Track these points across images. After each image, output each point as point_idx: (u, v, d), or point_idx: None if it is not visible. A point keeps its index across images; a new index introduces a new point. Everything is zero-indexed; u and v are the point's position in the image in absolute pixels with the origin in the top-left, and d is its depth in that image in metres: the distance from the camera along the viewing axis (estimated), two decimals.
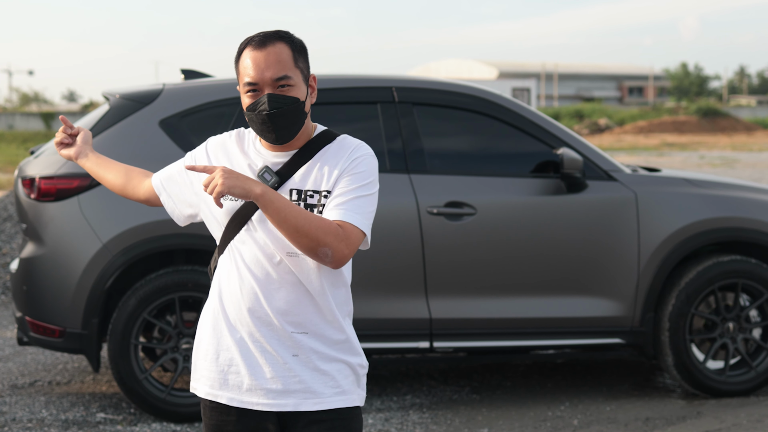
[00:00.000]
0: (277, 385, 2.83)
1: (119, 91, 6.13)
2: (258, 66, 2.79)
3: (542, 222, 6.05)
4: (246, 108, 2.82)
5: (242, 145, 2.94)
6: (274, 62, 2.78)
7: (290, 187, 2.83)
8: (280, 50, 2.80)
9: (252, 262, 2.82)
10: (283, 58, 2.80)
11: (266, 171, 2.83)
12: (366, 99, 6.15)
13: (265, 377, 2.83)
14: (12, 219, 10.88)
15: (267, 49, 2.80)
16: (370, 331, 5.90)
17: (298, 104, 2.80)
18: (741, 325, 6.27)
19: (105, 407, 6.10)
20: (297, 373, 2.83)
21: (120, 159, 5.75)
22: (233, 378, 2.86)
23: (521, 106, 6.28)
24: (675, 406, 6.11)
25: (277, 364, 2.83)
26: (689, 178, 6.43)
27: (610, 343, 6.17)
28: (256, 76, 2.79)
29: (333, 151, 2.87)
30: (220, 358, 2.88)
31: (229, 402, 2.86)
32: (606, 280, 6.08)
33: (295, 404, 2.84)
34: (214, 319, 2.89)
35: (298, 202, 2.81)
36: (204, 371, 2.91)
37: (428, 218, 5.91)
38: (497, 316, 6.00)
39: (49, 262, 5.82)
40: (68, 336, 5.79)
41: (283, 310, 2.82)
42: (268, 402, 2.84)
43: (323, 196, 2.81)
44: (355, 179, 2.81)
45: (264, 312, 2.82)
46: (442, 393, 6.45)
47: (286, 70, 2.79)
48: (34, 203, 5.87)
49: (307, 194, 2.82)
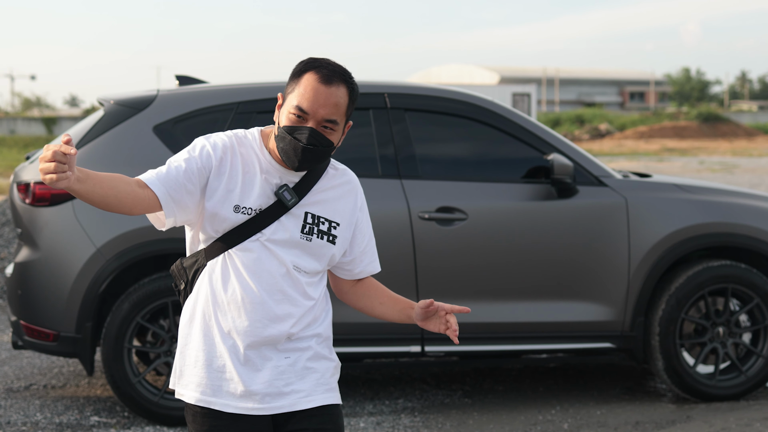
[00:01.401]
0: (271, 389, 2.90)
1: (114, 97, 6.19)
2: (317, 99, 2.80)
3: (533, 227, 6.09)
4: (283, 126, 2.83)
5: (251, 151, 2.91)
6: (332, 103, 2.82)
7: (305, 209, 2.92)
8: (341, 94, 2.83)
9: (256, 271, 2.87)
10: (340, 102, 2.83)
11: (286, 189, 2.89)
12: (358, 105, 6.19)
13: (259, 382, 2.90)
14: (10, 224, 10.94)
15: (332, 87, 2.82)
16: (362, 336, 5.96)
17: (331, 148, 2.87)
18: (731, 330, 6.31)
19: (99, 410, 6.14)
20: (290, 375, 2.92)
21: (114, 164, 5.84)
22: (227, 385, 2.90)
23: (512, 111, 6.33)
24: (665, 410, 6.15)
25: (271, 368, 2.91)
26: (679, 183, 6.47)
27: (601, 347, 6.21)
28: (310, 107, 2.81)
29: (339, 180, 3.00)
30: (213, 365, 2.91)
31: (224, 408, 2.91)
32: (596, 285, 6.12)
33: (291, 404, 2.92)
34: (205, 325, 2.92)
35: (312, 226, 2.92)
36: (194, 377, 2.94)
37: (420, 223, 5.96)
38: (488, 321, 6.04)
39: (44, 267, 5.87)
40: (62, 340, 5.84)
41: (282, 318, 2.90)
42: (263, 406, 2.91)
43: (332, 226, 2.95)
44: (367, 222, 3.09)
45: (264, 320, 2.89)
46: (434, 397, 6.49)
47: (337, 115, 2.84)
48: (29, 208, 5.92)
49: (320, 220, 2.94)
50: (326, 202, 2.96)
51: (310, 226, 2.92)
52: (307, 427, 2.93)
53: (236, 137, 2.93)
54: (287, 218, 2.89)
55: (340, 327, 5.82)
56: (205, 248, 2.92)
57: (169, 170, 2.82)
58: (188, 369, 2.95)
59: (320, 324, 3.00)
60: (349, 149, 6.04)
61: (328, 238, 2.95)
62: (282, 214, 2.88)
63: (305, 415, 2.93)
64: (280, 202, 2.88)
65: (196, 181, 2.83)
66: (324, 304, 3.03)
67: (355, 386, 6.73)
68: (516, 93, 43.63)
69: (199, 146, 2.88)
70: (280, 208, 2.88)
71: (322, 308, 3.02)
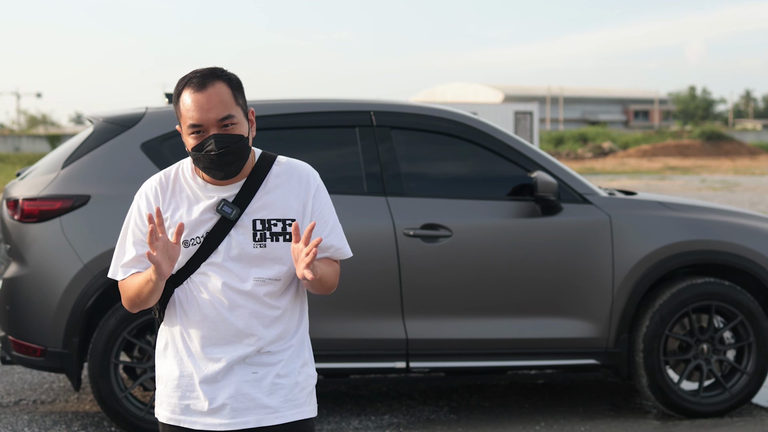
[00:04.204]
0: (238, 404, 2.96)
1: (102, 114, 6.26)
2: (201, 108, 2.86)
3: (517, 244, 6.14)
4: (192, 149, 2.89)
5: (182, 185, 2.99)
6: (216, 103, 2.86)
7: (252, 217, 2.95)
8: (220, 90, 2.88)
9: (216, 290, 2.94)
10: (224, 98, 2.88)
11: (225, 204, 2.93)
12: (345, 123, 6.26)
13: (226, 398, 2.96)
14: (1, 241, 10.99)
15: (207, 90, 2.87)
16: (347, 351, 6.00)
17: (243, 141, 2.91)
18: (715, 347, 6.35)
19: (87, 425, 6.19)
20: (257, 391, 2.96)
21: (102, 181, 5.92)
22: (195, 403, 2.98)
23: (498, 130, 6.38)
24: (649, 426, 6.18)
25: (238, 384, 2.96)
26: (664, 201, 6.51)
27: (586, 363, 6.25)
28: (200, 117, 2.86)
29: (284, 177, 3.00)
30: (181, 385, 2.99)
31: (192, 426, 2.99)
32: (580, 302, 6.16)
33: (258, 420, 2.97)
34: (175, 348, 3.00)
35: (263, 231, 2.94)
36: (165, 397, 3.03)
37: (405, 240, 6.01)
38: (472, 337, 6.08)
39: (32, 282, 5.92)
40: (49, 355, 5.89)
41: (247, 333, 2.95)
42: (230, 422, 2.96)
43: (287, 225, 2.95)
44: (326, 207, 3.02)
45: (228, 337, 2.95)
46: (420, 413, 6.52)
47: (228, 110, 2.88)
48: (17, 224, 5.98)
49: (270, 223, 2.95)
50: (274, 203, 2.96)
51: (260, 232, 2.94)
52: None
53: (164, 177, 3.01)
54: (236, 232, 2.93)
55: (324, 342, 5.88)
56: (170, 278, 2.99)
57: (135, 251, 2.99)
58: (161, 390, 3.05)
59: (293, 336, 3.02)
60: (335, 167, 6.13)
61: (285, 237, 2.95)
62: (230, 229, 2.93)
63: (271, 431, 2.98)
64: (225, 219, 2.93)
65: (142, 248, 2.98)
66: (296, 314, 3.04)
67: (341, 402, 6.76)
68: (518, 111, 43.68)
69: (136, 215, 3.00)
70: (226, 223, 2.93)
71: (294, 318, 3.04)
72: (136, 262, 2.98)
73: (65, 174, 5.97)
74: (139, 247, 2.98)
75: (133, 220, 3.01)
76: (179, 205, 2.97)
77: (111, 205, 5.89)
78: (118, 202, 5.87)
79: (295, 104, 6.36)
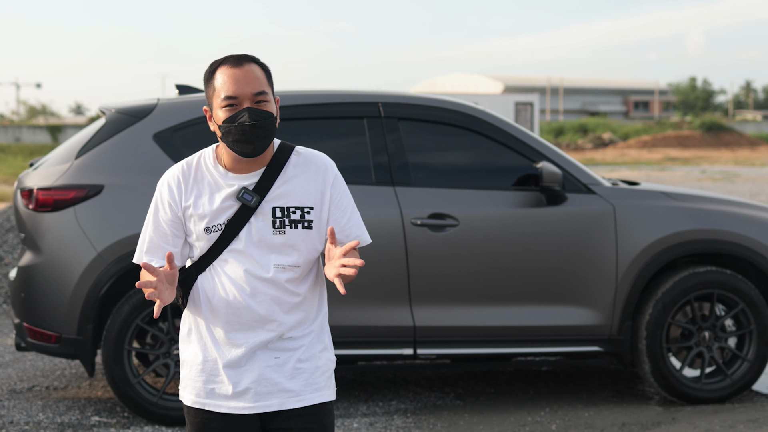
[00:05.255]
0: (260, 388, 3.06)
1: (115, 105, 6.36)
2: (237, 81, 2.98)
3: (523, 233, 6.25)
4: (223, 121, 2.99)
5: (203, 173, 3.09)
6: (252, 78, 2.99)
7: (272, 204, 3.04)
8: (255, 69, 3.01)
9: (238, 277, 3.03)
10: (258, 75, 3.01)
11: (245, 192, 3.03)
12: (353, 114, 6.37)
13: (249, 383, 3.06)
14: (15, 230, 11.12)
15: (244, 67, 3.00)
16: (355, 338, 6.11)
17: (274, 119, 3.02)
18: (716, 335, 6.46)
19: (100, 411, 6.31)
20: (279, 375, 3.07)
21: (115, 171, 6.03)
22: (219, 387, 3.08)
23: (503, 121, 6.49)
24: (651, 412, 6.30)
25: (261, 368, 3.06)
26: (666, 191, 6.63)
27: (589, 350, 6.36)
28: (236, 90, 2.97)
29: (302, 167, 3.10)
30: (206, 369, 3.09)
31: (216, 409, 3.09)
32: (585, 290, 6.28)
33: (280, 404, 3.07)
34: (199, 334, 3.11)
35: (283, 219, 3.03)
36: (189, 381, 3.13)
37: (412, 229, 6.12)
38: (478, 324, 6.20)
39: (46, 270, 6.04)
40: (64, 341, 6.01)
41: (269, 319, 3.05)
42: (253, 405, 3.07)
43: (305, 212, 3.05)
44: (345, 196, 3.12)
45: (250, 323, 3.05)
46: (427, 399, 6.65)
47: (263, 87, 3.00)
48: (32, 213, 6.09)
49: (290, 210, 3.05)
50: (293, 191, 3.06)
51: (280, 219, 3.03)
52: (293, 426, 3.07)
53: (186, 165, 3.10)
54: (256, 219, 3.03)
55: (332, 330, 5.97)
56: (193, 265, 3.10)
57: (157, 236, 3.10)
58: (185, 374, 3.15)
59: (313, 321, 3.13)
60: (344, 157, 6.21)
61: (303, 225, 3.05)
62: (250, 216, 3.03)
63: (292, 414, 3.08)
64: (245, 206, 3.03)
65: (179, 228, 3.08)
66: (315, 300, 3.14)
67: (349, 388, 6.88)
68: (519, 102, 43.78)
69: (159, 204, 3.09)
70: (246, 211, 3.03)
71: (313, 305, 3.14)
72: (156, 252, 3.08)
73: (79, 164, 6.08)
74: (160, 238, 3.08)
75: (157, 208, 3.10)
76: (201, 192, 3.06)
77: (124, 194, 6.00)
78: (130, 192, 5.99)
79: (304, 95, 6.47)
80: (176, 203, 3.06)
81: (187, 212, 3.05)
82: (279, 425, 3.08)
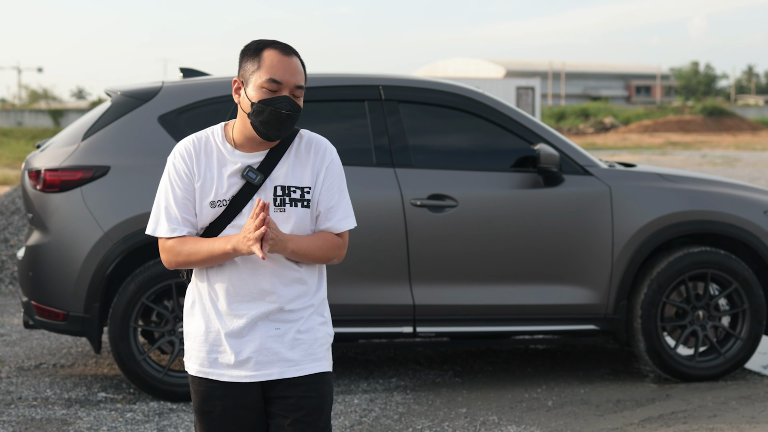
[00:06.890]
0: (261, 358, 3.19)
1: (121, 88, 6.48)
2: (287, 69, 3.12)
3: (520, 214, 6.37)
4: (259, 101, 3.10)
5: (212, 148, 3.21)
6: (298, 71, 3.15)
7: (274, 183, 3.18)
8: (299, 63, 3.17)
9: None
10: (301, 70, 3.17)
11: (250, 170, 3.16)
12: (354, 97, 6.49)
13: (251, 352, 3.19)
14: (20, 212, 11.25)
15: (293, 58, 3.15)
16: (356, 316, 6.25)
17: (299, 114, 3.17)
18: (710, 313, 6.59)
19: (106, 387, 6.45)
20: (280, 345, 3.20)
21: (121, 152, 6.16)
22: (221, 357, 3.21)
23: (502, 104, 6.61)
24: (646, 389, 6.43)
25: (262, 339, 3.19)
26: (662, 173, 6.74)
27: (585, 329, 6.49)
28: (283, 76, 3.11)
29: (304, 148, 3.24)
30: (208, 340, 3.23)
31: (219, 378, 3.22)
32: (581, 270, 6.40)
33: (280, 372, 3.20)
34: (202, 307, 3.24)
35: (283, 197, 3.17)
36: (193, 351, 3.26)
37: (412, 210, 6.24)
38: (477, 303, 6.33)
39: (54, 250, 6.17)
40: (71, 319, 6.14)
41: (269, 291, 3.18)
42: (254, 374, 3.20)
43: (305, 192, 3.19)
44: (336, 180, 3.25)
45: (252, 294, 3.18)
46: (426, 376, 6.78)
47: (302, 81, 3.16)
48: (39, 194, 6.22)
49: (290, 189, 3.19)
50: (294, 172, 3.20)
51: (281, 198, 3.17)
52: (293, 394, 3.20)
53: (197, 139, 3.22)
54: (259, 197, 3.15)
55: (333, 308, 6.10)
56: None
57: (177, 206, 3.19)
58: (189, 345, 3.28)
59: (313, 296, 3.25)
60: (345, 139, 6.34)
61: (302, 204, 3.19)
62: (253, 194, 3.16)
63: (292, 383, 3.21)
64: (249, 184, 3.16)
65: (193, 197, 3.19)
66: (314, 276, 3.27)
67: (350, 366, 7.02)
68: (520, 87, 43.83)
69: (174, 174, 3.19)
70: (250, 188, 3.17)
71: (313, 280, 3.26)
72: (181, 223, 3.17)
73: (85, 146, 6.20)
74: (181, 208, 3.17)
75: (171, 179, 3.20)
76: (210, 165, 3.19)
77: (130, 175, 6.12)
78: (136, 173, 6.12)
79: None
80: (190, 172, 3.17)
81: (197, 183, 3.17)
82: (279, 393, 3.20)
